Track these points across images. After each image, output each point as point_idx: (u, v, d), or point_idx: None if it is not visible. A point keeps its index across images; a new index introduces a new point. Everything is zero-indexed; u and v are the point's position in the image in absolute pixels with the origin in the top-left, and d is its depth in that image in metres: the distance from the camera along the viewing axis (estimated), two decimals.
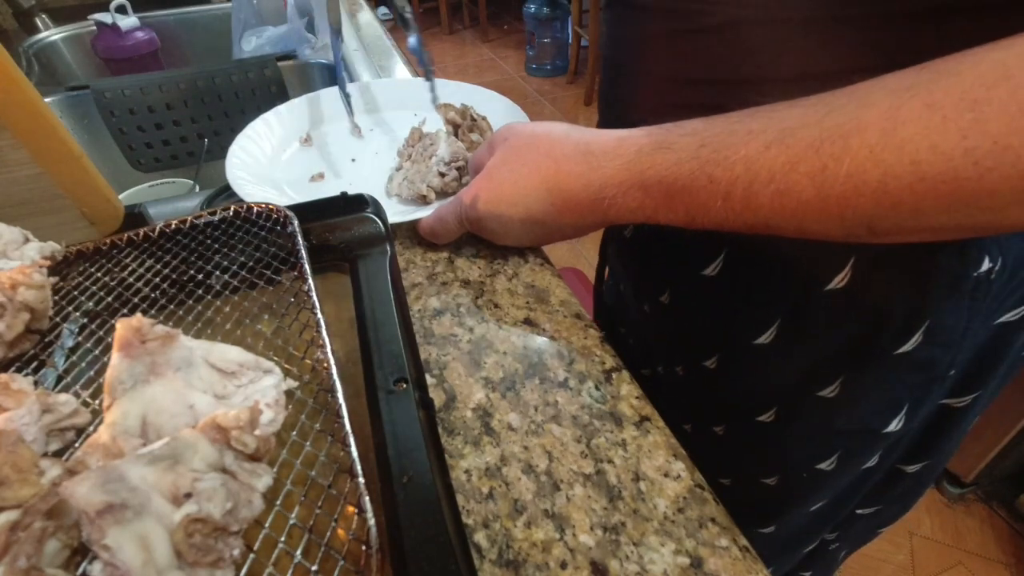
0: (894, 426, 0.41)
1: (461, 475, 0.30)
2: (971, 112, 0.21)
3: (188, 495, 0.17)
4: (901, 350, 0.36)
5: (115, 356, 0.21)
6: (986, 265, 0.32)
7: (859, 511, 0.51)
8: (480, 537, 0.28)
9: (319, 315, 0.26)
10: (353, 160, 0.55)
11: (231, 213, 0.32)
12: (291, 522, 0.19)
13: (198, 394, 0.22)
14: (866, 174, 0.23)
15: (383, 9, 4.22)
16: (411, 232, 0.46)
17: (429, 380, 0.35)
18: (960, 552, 1.24)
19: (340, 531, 0.20)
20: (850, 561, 1.22)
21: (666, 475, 0.30)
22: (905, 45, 0.28)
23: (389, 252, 0.32)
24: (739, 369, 0.44)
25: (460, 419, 0.33)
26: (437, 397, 0.34)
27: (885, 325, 0.35)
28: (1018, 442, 1.18)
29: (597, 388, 0.35)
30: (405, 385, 0.25)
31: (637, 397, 0.34)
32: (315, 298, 0.27)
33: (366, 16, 1.03)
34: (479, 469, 0.30)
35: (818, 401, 0.40)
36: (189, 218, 0.32)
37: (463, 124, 0.52)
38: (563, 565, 0.27)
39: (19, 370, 0.25)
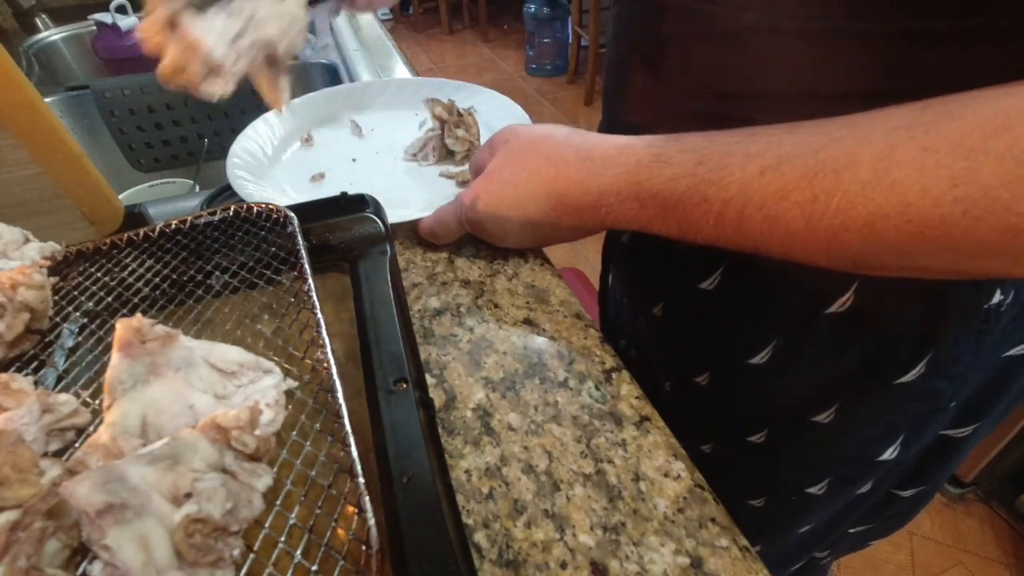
0: (889, 454, 0.40)
1: (461, 475, 0.30)
2: (966, 160, 0.21)
3: (188, 495, 0.17)
4: (902, 380, 0.35)
5: (115, 356, 0.21)
6: (997, 297, 0.32)
7: (851, 530, 0.51)
8: (480, 537, 0.28)
9: (319, 315, 0.26)
10: (353, 160, 0.55)
11: (231, 213, 0.32)
12: (291, 522, 0.19)
13: (198, 394, 0.22)
14: (855, 210, 0.24)
15: (383, 9, 4.22)
16: (411, 232, 0.46)
17: (429, 380, 0.35)
18: (960, 552, 1.24)
19: (340, 531, 0.20)
20: (850, 561, 1.23)
21: (666, 475, 0.30)
22: (906, 68, 0.28)
23: (389, 252, 0.32)
24: (731, 388, 0.43)
25: (460, 419, 0.33)
26: (437, 397, 0.34)
27: (887, 353, 0.35)
28: (1018, 442, 1.18)
29: (597, 388, 0.35)
30: (405, 385, 0.25)
31: (637, 397, 0.34)
32: (315, 298, 0.27)
33: (366, 16, 1.03)
34: (479, 469, 0.30)
35: (812, 426, 0.40)
36: (189, 218, 0.32)
37: (449, 120, 0.52)
38: (563, 565, 0.27)
39: (19, 370, 0.25)
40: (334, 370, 0.24)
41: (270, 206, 0.32)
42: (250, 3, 0.29)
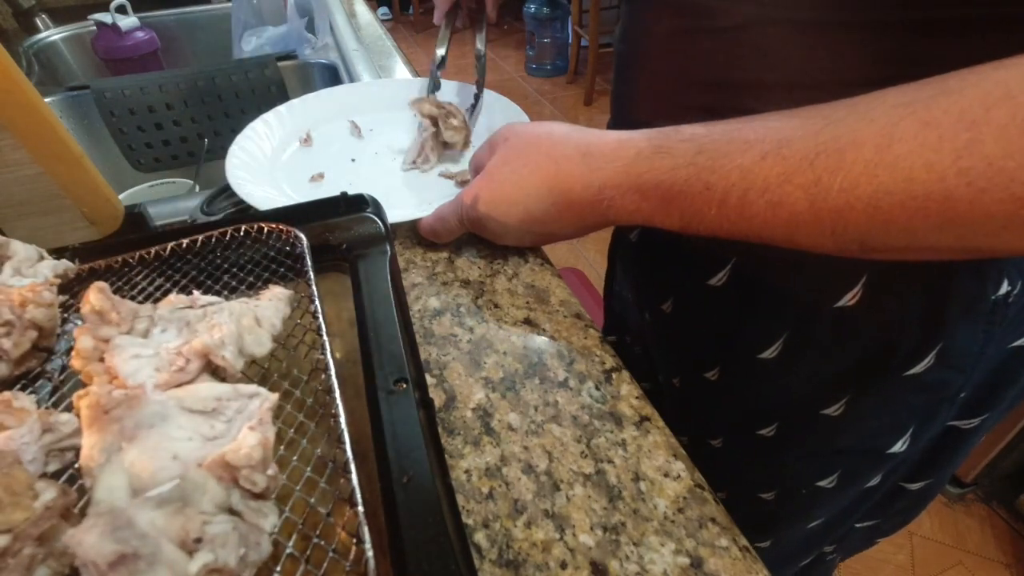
0: (899, 447, 0.40)
1: (461, 475, 0.30)
2: (968, 132, 0.20)
3: (198, 540, 0.16)
4: (911, 372, 0.35)
5: (84, 437, 0.20)
6: (1005, 288, 0.32)
7: (858, 525, 0.51)
8: (480, 537, 0.28)
9: (320, 320, 0.26)
10: (353, 160, 0.55)
11: (241, 232, 0.32)
12: (288, 551, 0.19)
13: (180, 443, 0.20)
14: (859, 189, 0.23)
15: (383, 9, 4.22)
16: (411, 232, 0.46)
17: (429, 380, 0.35)
18: (960, 552, 1.24)
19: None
20: (850, 560, 1.23)
21: (666, 475, 0.30)
22: (908, 57, 0.28)
23: (389, 252, 0.32)
24: (741, 383, 0.44)
25: (460, 419, 0.33)
26: (437, 397, 0.34)
27: (896, 346, 0.35)
28: (1018, 442, 1.18)
29: (597, 388, 0.35)
30: (405, 385, 0.24)
31: (637, 397, 0.34)
32: (318, 303, 0.27)
33: (366, 16, 1.03)
34: (479, 469, 0.30)
35: (821, 419, 0.40)
36: (200, 237, 0.31)
37: (440, 113, 0.53)
38: (563, 565, 0.27)
39: (24, 388, 0.25)
40: (337, 389, 0.23)
41: (280, 227, 0.32)
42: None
